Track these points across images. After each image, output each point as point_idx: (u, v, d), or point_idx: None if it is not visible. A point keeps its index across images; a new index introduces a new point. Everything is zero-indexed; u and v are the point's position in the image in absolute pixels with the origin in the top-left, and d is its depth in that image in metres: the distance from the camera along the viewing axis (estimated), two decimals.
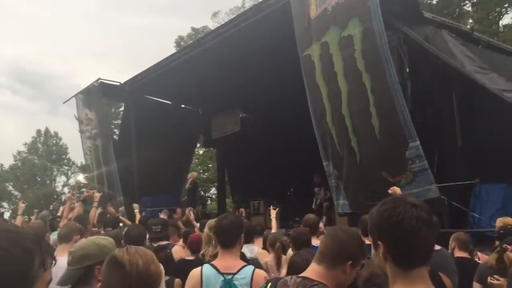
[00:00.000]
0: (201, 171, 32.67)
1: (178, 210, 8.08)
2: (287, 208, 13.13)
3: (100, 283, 1.73)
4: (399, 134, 7.64)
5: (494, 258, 4.09)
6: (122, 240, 4.16)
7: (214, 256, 3.98)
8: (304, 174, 12.99)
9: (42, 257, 1.12)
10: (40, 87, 76.00)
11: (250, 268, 3.09)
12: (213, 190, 33.22)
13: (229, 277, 2.99)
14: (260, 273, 3.10)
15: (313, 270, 2.13)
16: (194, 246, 4.86)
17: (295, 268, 2.79)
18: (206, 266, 3.11)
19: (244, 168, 17.59)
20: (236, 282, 2.97)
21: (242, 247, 3.61)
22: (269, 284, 2.23)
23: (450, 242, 4.94)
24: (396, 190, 5.31)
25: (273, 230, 6.36)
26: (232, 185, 19.95)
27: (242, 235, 3.35)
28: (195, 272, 3.13)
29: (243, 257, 4.33)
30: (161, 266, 4.12)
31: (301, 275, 2.16)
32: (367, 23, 7.86)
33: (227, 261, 3.09)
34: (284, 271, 3.84)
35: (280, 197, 13.56)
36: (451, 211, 7.69)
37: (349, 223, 8.75)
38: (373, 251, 1.59)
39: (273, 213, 6.74)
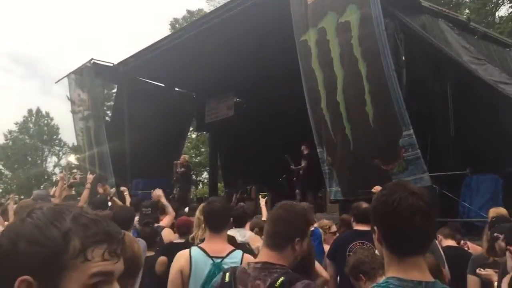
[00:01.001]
0: (193, 155, 32.63)
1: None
2: (280, 194, 13.14)
3: None
4: (393, 122, 7.63)
5: (486, 248, 4.09)
6: None
7: (204, 240, 3.96)
8: (297, 160, 12.97)
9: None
10: (32, 66, 75.39)
11: (239, 252, 3.05)
12: (205, 175, 33.25)
13: (219, 260, 2.93)
14: (249, 258, 3.02)
15: (268, 255, 2.14)
16: (182, 229, 4.84)
17: None
18: (194, 249, 3.04)
19: (237, 153, 17.57)
20: (225, 266, 2.88)
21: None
22: (227, 274, 2.20)
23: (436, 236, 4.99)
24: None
25: (264, 218, 6.32)
26: (224, 170, 19.94)
27: (231, 219, 3.31)
28: (183, 254, 3.06)
29: (233, 240, 4.32)
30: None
31: (259, 260, 2.17)
32: (365, 9, 7.80)
33: (216, 245, 3.03)
34: None
35: (272, 183, 13.57)
36: (442, 200, 7.73)
37: (340, 210, 8.78)
38: (374, 236, 1.57)
39: (262, 201, 6.71)
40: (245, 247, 4.55)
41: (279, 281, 1.98)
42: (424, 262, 1.50)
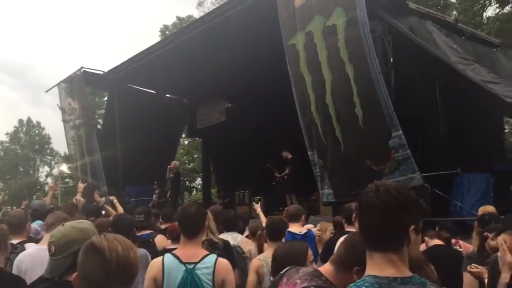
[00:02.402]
0: (186, 161, 32.59)
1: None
2: (273, 198, 13.16)
3: (75, 272, 1.67)
4: (382, 123, 7.68)
5: (476, 246, 4.12)
6: (110, 229, 4.10)
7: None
8: (282, 166, 12.99)
9: None
10: (21, 76, 75.03)
11: (213, 257, 3.01)
12: (199, 181, 33.20)
13: (191, 266, 2.91)
14: (223, 262, 3.03)
15: (325, 268, 2.13)
16: (174, 233, 4.82)
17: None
18: (167, 256, 3.02)
19: (230, 158, 17.55)
20: (198, 272, 2.89)
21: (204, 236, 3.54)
22: (283, 271, 2.23)
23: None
24: None
25: (263, 224, 6.27)
26: (217, 175, 19.92)
27: (206, 224, 3.30)
28: (156, 262, 3.05)
29: (228, 244, 4.32)
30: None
31: (315, 267, 2.19)
32: (351, 12, 7.85)
33: (189, 250, 3.01)
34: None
35: (265, 187, 13.57)
36: (433, 200, 7.78)
37: (333, 212, 8.80)
38: None
39: (257, 207, 6.70)
40: (237, 251, 4.57)
41: None
42: (402, 258, 1.50)
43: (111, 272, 1.60)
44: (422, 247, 4.79)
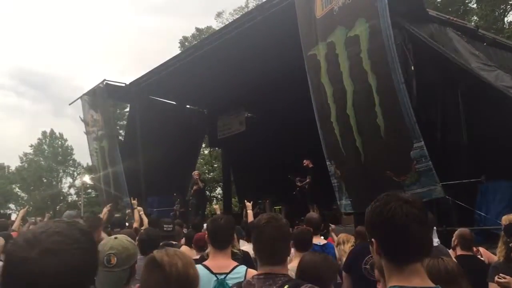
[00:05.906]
0: (206, 171, 32.72)
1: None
2: (294, 207, 13.14)
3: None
4: (404, 134, 7.60)
5: (502, 256, 4.07)
6: (137, 242, 4.16)
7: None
8: (303, 175, 12.97)
9: None
10: (43, 88, 76.53)
11: (243, 267, 3.05)
12: (219, 190, 33.29)
13: (222, 277, 2.95)
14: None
15: (269, 269, 2.21)
16: (200, 243, 4.89)
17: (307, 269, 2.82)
18: (198, 267, 3.06)
19: (250, 168, 17.61)
20: (229, 282, 2.91)
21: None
22: None
23: (453, 238, 4.91)
24: None
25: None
26: (238, 185, 19.97)
27: (235, 234, 3.33)
28: None
29: (247, 255, 4.34)
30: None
31: (261, 272, 2.24)
32: (374, 22, 7.80)
33: (220, 261, 3.05)
34: None
35: (286, 196, 13.56)
36: (458, 209, 7.67)
37: (355, 222, 8.75)
38: (372, 248, 1.61)
39: (249, 206, 6.77)
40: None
41: (285, 287, 2.05)
42: (423, 269, 1.54)
43: (171, 287, 1.64)
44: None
